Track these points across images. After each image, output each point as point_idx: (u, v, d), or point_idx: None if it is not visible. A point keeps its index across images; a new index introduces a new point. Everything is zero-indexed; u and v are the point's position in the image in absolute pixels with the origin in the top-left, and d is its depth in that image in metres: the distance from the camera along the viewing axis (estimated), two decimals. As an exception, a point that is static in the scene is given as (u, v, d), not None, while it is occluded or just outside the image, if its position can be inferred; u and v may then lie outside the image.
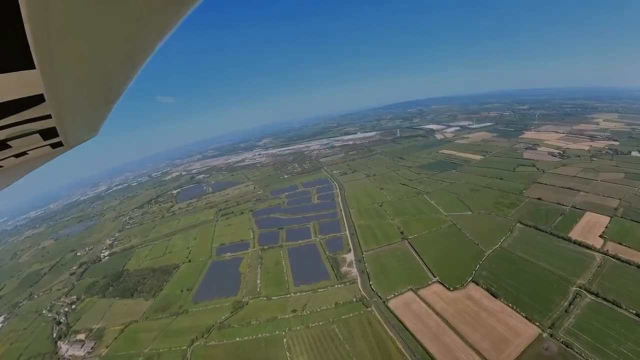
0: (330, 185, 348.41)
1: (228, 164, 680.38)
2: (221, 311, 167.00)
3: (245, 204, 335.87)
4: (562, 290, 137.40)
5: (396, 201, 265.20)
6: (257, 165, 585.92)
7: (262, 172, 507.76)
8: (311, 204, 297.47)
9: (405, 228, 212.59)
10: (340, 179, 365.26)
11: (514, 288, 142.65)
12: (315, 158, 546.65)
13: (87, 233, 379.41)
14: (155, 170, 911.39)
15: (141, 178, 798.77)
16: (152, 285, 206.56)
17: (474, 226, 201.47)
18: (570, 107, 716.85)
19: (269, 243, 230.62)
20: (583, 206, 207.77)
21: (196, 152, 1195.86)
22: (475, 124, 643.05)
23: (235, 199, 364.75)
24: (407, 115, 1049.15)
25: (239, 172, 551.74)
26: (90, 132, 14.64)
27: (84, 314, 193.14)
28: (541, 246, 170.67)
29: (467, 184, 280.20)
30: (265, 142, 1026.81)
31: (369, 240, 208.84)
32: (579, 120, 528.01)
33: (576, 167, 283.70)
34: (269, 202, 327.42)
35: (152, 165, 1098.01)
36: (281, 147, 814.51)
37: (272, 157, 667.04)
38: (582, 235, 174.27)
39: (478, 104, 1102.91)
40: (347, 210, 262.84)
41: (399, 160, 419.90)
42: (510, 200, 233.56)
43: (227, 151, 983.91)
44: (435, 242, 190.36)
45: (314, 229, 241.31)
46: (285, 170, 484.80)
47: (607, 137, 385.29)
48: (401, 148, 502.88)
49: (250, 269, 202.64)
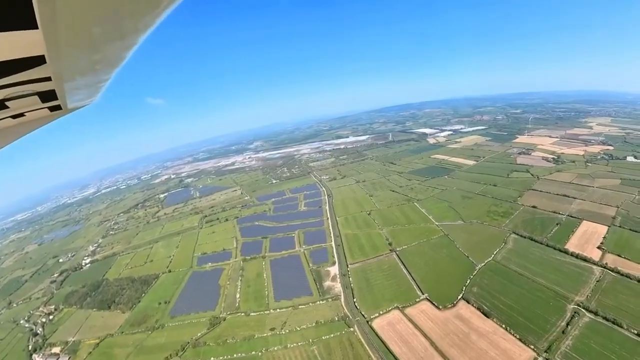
0: (318, 192, 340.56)
1: (218, 168, 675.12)
2: (197, 327, 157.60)
3: (231, 210, 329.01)
4: (559, 308, 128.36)
5: (385, 209, 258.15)
6: (247, 169, 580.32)
7: (250, 177, 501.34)
8: (297, 212, 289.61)
9: (394, 239, 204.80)
10: (329, 185, 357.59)
11: (507, 306, 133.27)
12: (305, 162, 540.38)
13: (71, 238, 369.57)
14: (145, 172, 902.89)
15: (130, 181, 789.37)
16: (130, 296, 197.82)
17: (466, 237, 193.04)
18: (563, 111, 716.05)
19: (252, 253, 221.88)
20: (580, 215, 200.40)
21: (188, 154, 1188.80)
22: (468, 128, 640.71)
23: (221, 205, 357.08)
24: (400, 118, 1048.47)
25: (228, 176, 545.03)
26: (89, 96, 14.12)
27: (61, 325, 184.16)
28: (536, 259, 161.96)
29: (459, 191, 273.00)
30: (256, 145, 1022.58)
31: (355, 251, 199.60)
32: (572, 125, 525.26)
33: (571, 173, 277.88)
34: (255, 208, 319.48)
35: (143, 167, 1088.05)
36: (272, 150, 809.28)
37: (262, 160, 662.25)
38: (579, 247, 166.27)
39: (471, 107, 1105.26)
40: (334, 219, 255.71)
41: (390, 165, 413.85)
42: (504, 208, 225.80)
43: (218, 154, 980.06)
44: (425, 255, 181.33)
45: (298, 238, 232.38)
46: (274, 175, 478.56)
47: (602, 142, 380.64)
48: (393, 152, 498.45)
49: (230, 281, 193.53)
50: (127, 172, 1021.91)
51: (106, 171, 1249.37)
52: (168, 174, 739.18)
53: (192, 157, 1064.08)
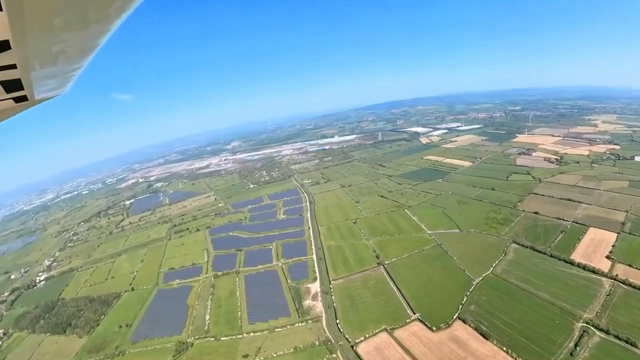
0: (299, 198, 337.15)
1: (190, 171, 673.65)
2: (162, 354, 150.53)
3: (203, 219, 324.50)
4: (566, 327, 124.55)
5: (373, 217, 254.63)
6: (222, 173, 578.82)
7: (226, 181, 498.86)
8: (276, 220, 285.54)
9: (382, 250, 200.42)
10: (311, 190, 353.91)
11: (508, 326, 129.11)
12: (286, 165, 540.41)
13: (25, 251, 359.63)
14: (110, 175, 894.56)
15: (94, 185, 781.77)
16: (88, 318, 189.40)
17: (462, 247, 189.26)
18: (565, 108, 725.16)
19: (224, 268, 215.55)
20: (586, 221, 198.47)
21: (158, 155, 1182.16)
22: (463, 126, 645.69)
23: (192, 213, 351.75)
24: (390, 116, 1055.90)
25: (202, 180, 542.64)
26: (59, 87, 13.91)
27: (10, 352, 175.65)
28: (540, 271, 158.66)
29: (454, 196, 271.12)
30: (234, 145, 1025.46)
31: (338, 266, 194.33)
32: (575, 122, 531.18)
33: (576, 175, 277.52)
34: (230, 217, 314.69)
35: (108, 170, 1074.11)
36: (251, 151, 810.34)
37: (239, 163, 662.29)
38: (586, 257, 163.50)
39: (466, 104, 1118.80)
40: (316, 228, 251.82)
41: (378, 167, 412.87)
42: (503, 214, 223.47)
43: (191, 155, 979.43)
44: (416, 268, 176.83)
45: (276, 251, 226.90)
46: (251, 179, 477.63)
47: (607, 141, 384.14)
48: (382, 154, 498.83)
49: (199, 300, 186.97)
50: (90, 175, 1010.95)
51: (68, 174, 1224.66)
52: (136, 178, 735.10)
53: (163, 158, 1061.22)
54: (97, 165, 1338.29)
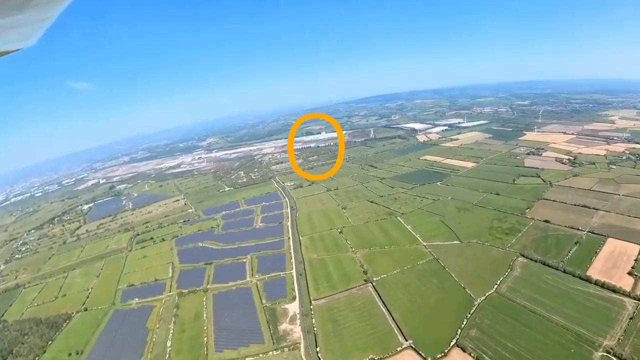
0: (280, 203, 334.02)
1: (159, 170, 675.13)
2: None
3: (170, 226, 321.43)
4: (583, 356, 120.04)
5: (361, 226, 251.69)
6: (195, 173, 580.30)
7: (198, 183, 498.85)
8: (252, 229, 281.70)
9: (370, 265, 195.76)
10: (293, 194, 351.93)
11: (515, 354, 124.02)
12: (267, 165, 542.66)
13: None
14: (68, 175, 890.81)
15: (49, 186, 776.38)
16: (33, 345, 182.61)
17: (462, 262, 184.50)
18: (579, 103, 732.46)
19: (191, 285, 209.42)
20: (604, 231, 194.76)
21: (124, 152, 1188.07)
22: (466, 123, 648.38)
23: (158, 219, 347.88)
24: (384, 111, 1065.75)
25: (171, 181, 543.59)
26: (24, 38, 12.65)
27: None
28: (551, 290, 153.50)
29: (454, 201, 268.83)
30: (210, 141, 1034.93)
31: (321, 283, 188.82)
32: (590, 118, 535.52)
33: (591, 178, 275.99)
34: (200, 224, 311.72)
35: (66, 168, 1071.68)
36: (228, 149, 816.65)
37: (214, 162, 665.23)
38: (605, 273, 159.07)
39: (469, 97, 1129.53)
40: (297, 239, 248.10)
41: (369, 169, 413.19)
42: (509, 223, 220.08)
43: (161, 153, 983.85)
44: (409, 287, 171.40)
45: (251, 264, 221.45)
46: (227, 181, 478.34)
47: (627, 139, 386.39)
48: (374, 153, 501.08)
49: (161, 323, 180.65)
50: (45, 175, 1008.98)
51: (20, 173, 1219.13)
52: (96, 178, 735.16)
53: (128, 156, 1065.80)
54: (53, 164, 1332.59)
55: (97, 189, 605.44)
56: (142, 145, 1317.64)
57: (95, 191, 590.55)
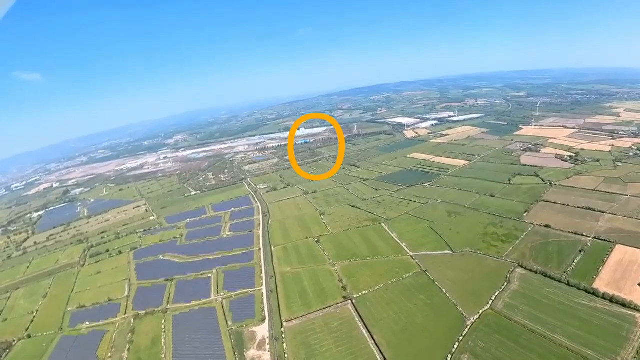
0: (251, 209, 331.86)
1: (120, 172, 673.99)
2: None
3: (128, 237, 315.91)
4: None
5: (341, 234, 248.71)
6: (159, 175, 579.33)
7: (162, 186, 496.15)
8: (219, 239, 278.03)
9: (350, 279, 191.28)
10: (267, 198, 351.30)
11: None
12: (239, 165, 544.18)
13: None
14: (18, 178, 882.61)
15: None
16: None
17: (453, 274, 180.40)
18: (580, 94, 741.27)
19: (149, 305, 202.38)
20: (611, 236, 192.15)
21: (82, 152, 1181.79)
22: (457, 116, 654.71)
23: (116, 229, 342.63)
24: (370, 104, 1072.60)
25: (132, 184, 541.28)
26: None
27: None
28: (554, 306, 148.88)
29: (444, 205, 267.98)
30: (177, 139, 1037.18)
31: (294, 301, 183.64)
32: (593, 111, 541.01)
33: (596, 177, 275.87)
34: (162, 234, 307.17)
35: (17, 170, 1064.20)
36: (197, 147, 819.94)
37: (181, 162, 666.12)
38: (613, 285, 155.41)
39: (462, 89, 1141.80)
40: (268, 250, 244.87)
41: (351, 169, 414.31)
42: (506, 229, 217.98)
43: (123, 152, 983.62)
44: (394, 305, 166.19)
45: (216, 280, 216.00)
46: (194, 184, 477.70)
47: (634, 133, 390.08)
48: (357, 151, 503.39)
49: (113, 351, 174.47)
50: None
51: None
52: (50, 182, 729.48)
53: (87, 156, 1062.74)
54: (1, 165, 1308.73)
55: (50, 194, 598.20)
56: (103, 144, 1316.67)
57: (48, 197, 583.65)
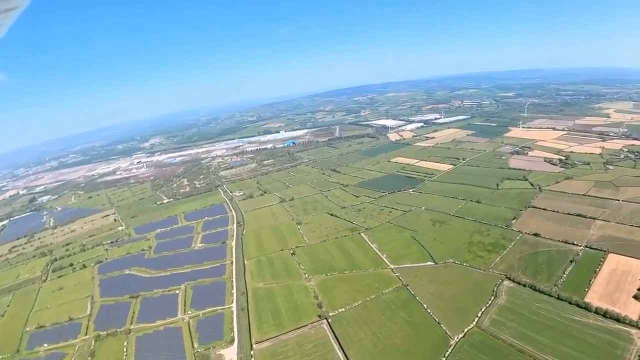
0: (225, 218, 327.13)
1: (91, 178, 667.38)
2: None
3: (94, 249, 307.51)
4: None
5: (318, 245, 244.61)
6: (131, 181, 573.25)
7: (134, 193, 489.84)
8: (190, 251, 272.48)
9: (327, 296, 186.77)
10: (242, 206, 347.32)
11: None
12: (215, 170, 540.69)
13: None
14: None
15: None
16: None
17: (436, 289, 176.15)
18: (570, 95, 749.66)
19: (111, 325, 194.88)
20: (603, 245, 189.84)
21: (53, 156, 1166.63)
22: (443, 118, 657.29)
23: (82, 240, 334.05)
24: (353, 105, 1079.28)
25: (102, 191, 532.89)
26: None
27: None
28: (544, 322, 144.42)
29: (428, 213, 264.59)
30: (153, 142, 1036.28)
31: (265, 320, 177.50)
32: (583, 112, 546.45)
33: (586, 181, 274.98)
34: (129, 246, 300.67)
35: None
36: (173, 151, 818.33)
37: (156, 167, 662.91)
38: (606, 298, 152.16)
39: (448, 89, 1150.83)
40: (241, 263, 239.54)
41: (331, 174, 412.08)
42: (492, 237, 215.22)
43: (96, 156, 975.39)
44: (372, 323, 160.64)
45: (184, 297, 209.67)
46: (167, 190, 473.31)
47: (624, 135, 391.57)
48: (338, 155, 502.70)
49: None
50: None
51: None
52: (17, 188, 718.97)
53: (57, 160, 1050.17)
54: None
55: (16, 202, 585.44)
56: (76, 147, 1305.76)
57: (13, 204, 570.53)
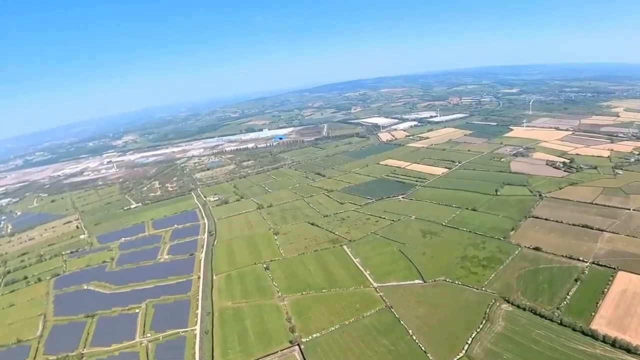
0: (196, 226, 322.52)
1: (56, 179, 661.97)
2: None
3: (52, 260, 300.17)
4: None
5: (295, 259, 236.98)
6: (99, 183, 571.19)
7: (100, 197, 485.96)
8: (154, 264, 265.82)
9: (301, 318, 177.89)
10: (215, 213, 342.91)
11: None
12: (190, 172, 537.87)
13: None
14: None
15: None
16: None
17: (424, 311, 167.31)
18: (575, 92, 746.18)
19: (63, 348, 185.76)
20: (612, 261, 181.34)
21: (18, 153, 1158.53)
22: (439, 116, 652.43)
23: (40, 249, 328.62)
24: (344, 101, 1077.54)
25: (67, 194, 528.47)
26: None
27: None
28: (545, 353, 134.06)
29: (419, 223, 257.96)
30: (127, 140, 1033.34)
31: (231, 346, 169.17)
32: (589, 111, 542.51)
33: (593, 187, 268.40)
34: (90, 257, 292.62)
35: None
36: (147, 150, 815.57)
37: (127, 167, 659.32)
38: (615, 324, 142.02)
39: (446, 85, 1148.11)
40: (209, 278, 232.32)
41: (315, 177, 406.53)
42: (488, 251, 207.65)
43: (64, 154, 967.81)
44: (350, 352, 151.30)
45: (144, 317, 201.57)
46: (136, 194, 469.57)
47: (635, 136, 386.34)
48: (323, 156, 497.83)
49: None
50: None
51: None
52: None
53: (23, 158, 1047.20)
54: None
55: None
56: (43, 144, 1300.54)
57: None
